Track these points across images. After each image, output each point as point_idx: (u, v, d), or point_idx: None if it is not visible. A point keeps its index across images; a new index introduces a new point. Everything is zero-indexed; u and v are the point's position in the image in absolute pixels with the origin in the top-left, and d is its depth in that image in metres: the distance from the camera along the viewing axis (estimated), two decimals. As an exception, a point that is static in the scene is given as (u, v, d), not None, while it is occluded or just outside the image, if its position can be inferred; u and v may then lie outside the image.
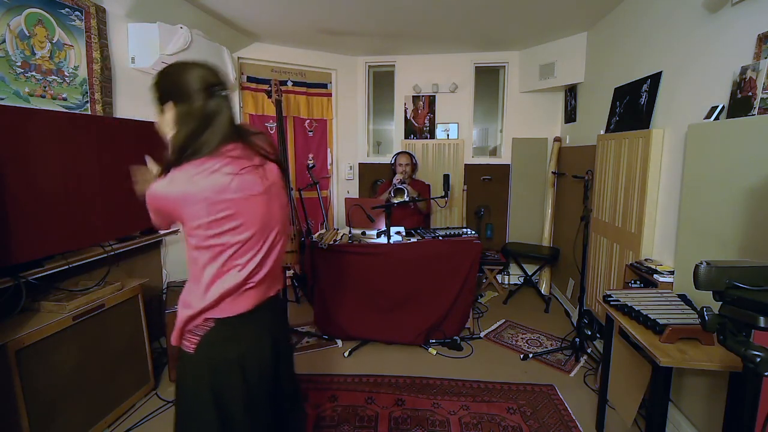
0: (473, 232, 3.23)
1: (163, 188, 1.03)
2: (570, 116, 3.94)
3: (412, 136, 4.52)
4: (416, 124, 4.51)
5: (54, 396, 1.78)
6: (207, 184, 1.02)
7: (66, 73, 2.17)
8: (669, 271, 2.08)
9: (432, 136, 4.49)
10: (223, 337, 1.13)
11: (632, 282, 2.26)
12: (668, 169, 2.23)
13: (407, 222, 3.56)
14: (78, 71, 2.23)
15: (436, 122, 4.46)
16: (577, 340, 2.80)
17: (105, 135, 2.22)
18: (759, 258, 1.49)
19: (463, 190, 4.43)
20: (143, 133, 2.36)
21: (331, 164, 4.52)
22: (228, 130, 1.09)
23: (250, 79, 3.99)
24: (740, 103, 1.68)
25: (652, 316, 1.62)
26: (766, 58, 1.60)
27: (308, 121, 4.34)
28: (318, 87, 4.35)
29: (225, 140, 1.07)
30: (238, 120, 1.15)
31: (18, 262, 1.76)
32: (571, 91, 3.90)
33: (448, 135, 4.47)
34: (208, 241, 1.05)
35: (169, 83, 1.10)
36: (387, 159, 4.41)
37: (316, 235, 3.26)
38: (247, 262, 1.11)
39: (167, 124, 1.11)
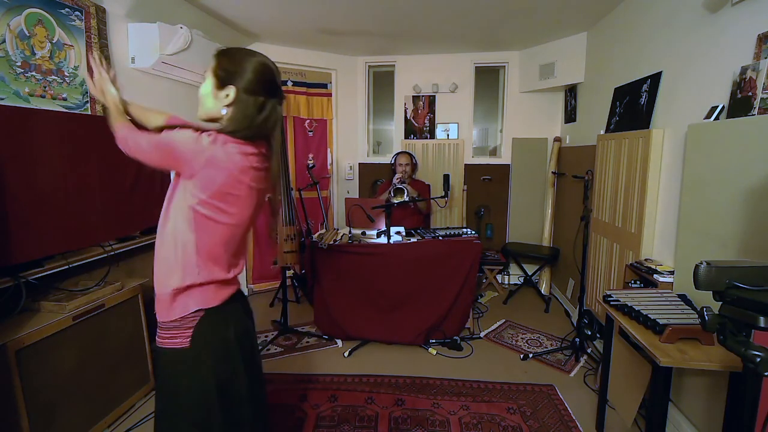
0: (473, 232, 3.23)
1: (202, 144, 1.05)
2: (570, 116, 3.94)
3: (412, 136, 4.52)
4: (416, 124, 4.51)
5: (54, 396, 1.78)
6: (236, 159, 1.08)
7: (66, 73, 2.16)
8: (669, 271, 2.08)
9: (432, 136, 4.48)
10: (215, 321, 1.15)
11: (632, 282, 2.26)
12: (668, 169, 2.23)
13: (407, 222, 3.56)
14: (78, 71, 2.23)
15: (436, 122, 4.46)
16: (577, 340, 2.80)
17: (105, 135, 2.21)
18: (759, 258, 1.49)
19: (463, 190, 4.43)
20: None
21: (331, 164, 4.52)
22: (271, 131, 1.17)
23: (250, 79, 3.98)
24: (740, 103, 1.68)
25: (652, 316, 1.62)
26: (766, 58, 1.60)
27: (308, 121, 4.34)
28: (318, 87, 4.35)
29: (265, 138, 1.16)
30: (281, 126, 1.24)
31: (18, 262, 1.76)
32: (571, 91, 3.90)
33: (448, 135, 4.47)
34: (204, 208, 1.08)
35: (238, 69, 1.12)
36: (387, 159, 4.41)
37: (316, 235, 3.26)
38: (230, 248, 1.16)
39: (221, 100, 1.14)
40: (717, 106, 1.82)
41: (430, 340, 2.97)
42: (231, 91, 1.12)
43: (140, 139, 1.13)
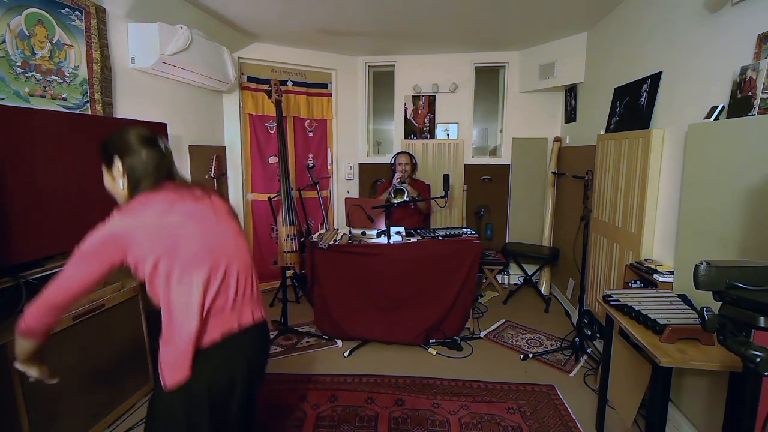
0: (473, 232, 3.23)
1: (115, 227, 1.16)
2: (570, 116, 3.94)
3: (412, 136, 4.52)
4: (416, 124, 4.51)
5: (54, 396, 1.78)
6: (154, 209, 1.15)
7: (66, 73, 2.16)
8: (669, 271, 2.08)
9: (432, 136, 4.48)
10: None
11: (632, 282, 2.26)
12: (668, 169, 2.23)
13: (407, 222, 3.56)
14: (78, 71, 2.23)
15: (436, 122, 4.46)
16: (577, 340, 2.80)
17: (105, 135, 2.21)
18: (759, 258, 1.49)
19: (463, 190, 4.43)
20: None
21: (331, 164, 4.52)
22: (169, 170, 1.25)
23: (250, 79, 3.98)
24: (740, 103, 1.68)
25: (652, 316, 1.62)
26: (766, 58, 1.60)
27: (308, 121, 4.34)
28: (318, 87, 4.35)
29: (168, 178, 1.24)
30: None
31: (18, 262, 1.76)
32: (571, 91, 3.90)
33: (448, 135, 4.47)
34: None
35: (111, 145, 1.24)
36: (387, 159, 4.41)
37: (316, 235, 3.26)
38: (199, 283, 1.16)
39: (118, 177, 1.23)
40: (717, 106, 1.82)
41: (430, 340, 2.97)
42: (116, 161, 1.21)
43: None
